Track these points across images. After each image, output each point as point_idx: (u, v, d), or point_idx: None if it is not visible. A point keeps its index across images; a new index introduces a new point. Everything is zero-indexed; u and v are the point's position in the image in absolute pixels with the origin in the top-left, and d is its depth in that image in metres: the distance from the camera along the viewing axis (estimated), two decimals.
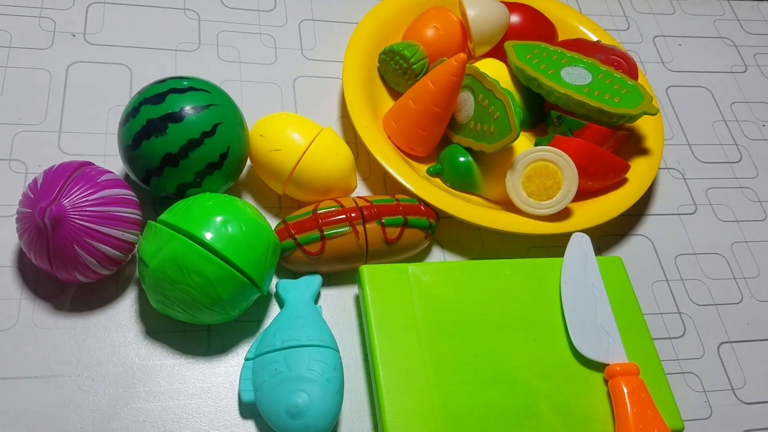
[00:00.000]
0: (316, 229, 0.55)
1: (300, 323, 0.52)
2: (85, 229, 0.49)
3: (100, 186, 0.50)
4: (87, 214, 0.49)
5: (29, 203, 0.50)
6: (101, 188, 0.50)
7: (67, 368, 0.51)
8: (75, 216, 0.49)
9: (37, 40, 0.66)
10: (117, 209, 0.50)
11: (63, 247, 0.49)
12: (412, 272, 0.57)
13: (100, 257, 0.50)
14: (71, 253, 0.49)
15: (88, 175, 0.51)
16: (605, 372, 0.54)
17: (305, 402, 0.48)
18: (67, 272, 0.50)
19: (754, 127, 0.80)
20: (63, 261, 0.49)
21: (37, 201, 0.49)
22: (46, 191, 0.49)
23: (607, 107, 0.64)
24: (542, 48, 0.68)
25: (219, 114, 0.54)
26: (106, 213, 0.50)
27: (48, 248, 0.49)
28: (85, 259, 0.49)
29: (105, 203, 0.50)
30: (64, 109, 0.63)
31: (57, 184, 0.49)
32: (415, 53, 0.67)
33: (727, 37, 0.88)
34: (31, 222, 0.49)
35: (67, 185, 0.50)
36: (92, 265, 0.50)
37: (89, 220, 0.49)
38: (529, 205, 0.61)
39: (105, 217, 0.50)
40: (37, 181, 0.51)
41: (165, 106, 0.53)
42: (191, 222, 0.50)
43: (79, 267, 0.50)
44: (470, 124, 0.63)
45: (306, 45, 0.73)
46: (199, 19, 0.72)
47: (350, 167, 0.59)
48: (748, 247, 0.70)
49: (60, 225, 0.48)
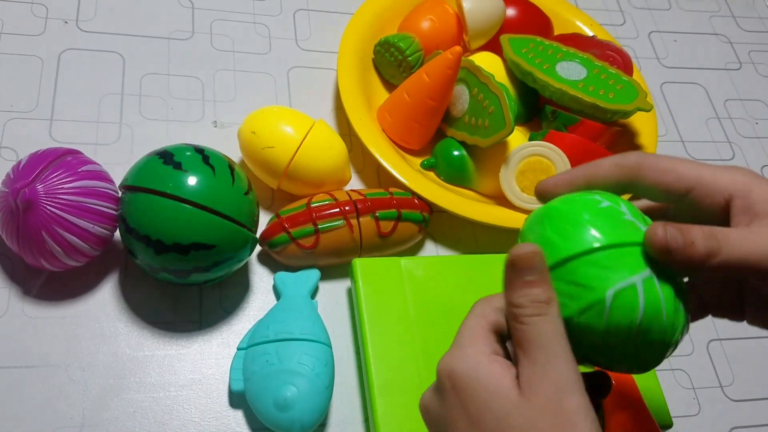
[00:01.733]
0: (310, 223, 0.55)
1: (294, 317, 0.52)
2: (55, 216, 0.48)
3: (79, 175, 0.50)
4: (59, 202, 0.48)
5: (8, 183, 0.50)
6: (80, 178, 0.50)
7: (57, 358, 0.51)
8: (47, 202, 0.48)
9: (28, 26, 0.65)
10: (92, 201, 0.50)
11: (31, 232, 0.49)
12: (405, 266, 0.57)
13: (66, 247, 0.49)
14: (39, 238, 0.49)
15: (70, 164, 0.50)
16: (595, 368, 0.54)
17: (293, 395, 0.48)
18: (34, 258, 0.50)
19: (747, 125, 0.80)
20: (30, 246, 0.49)
21: (14, 182, 0.49)
22: (25, 173, 0.49)
23: (602, 103, 0.64)
24: (538, 42, 0.68)
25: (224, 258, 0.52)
26: (80, 204, 0.49)
27: (18, 231, 0.49)
28: (51, 247, 0.49)
29: (80, 193, 0.49)
30: (56, 96, 0.62)
31: (36, 168, 0.49)
32: (410, 45, 0.67)
33: (722, 34, 0.88)
34: (5, 202, 0.49)
35: (47, 170, 0.49)
36: (57, 253, 0.49)
37: (60, 208, 0.48)
38: (522, 200, 0.61)
39: (77, 207, 0.49)
40: (20, 163, 0.50)
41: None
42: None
43: (45, 254, 0.49)
44: (465, 118, 0.63)
45: (300, 35, 0.73)
46: (192, 7, 0.71)
47: (344, 160, 0.59)
48: None
49: (31, 209, 0.48)
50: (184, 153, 0.51)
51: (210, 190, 0.49)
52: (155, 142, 0.62)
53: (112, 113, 0.62)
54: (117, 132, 0.62)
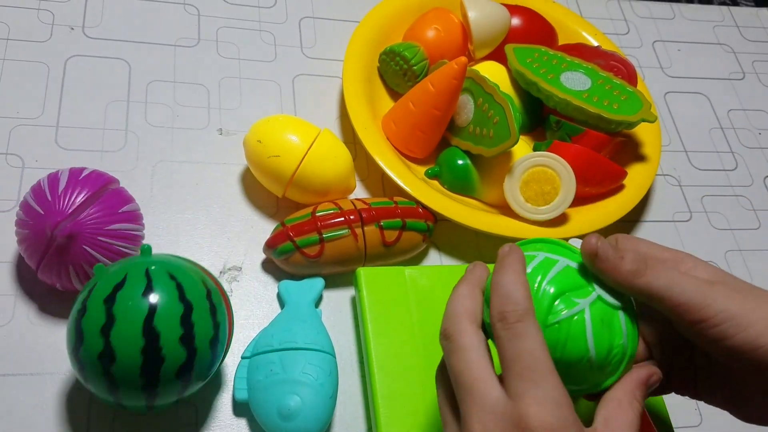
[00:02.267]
0: (314, 232, 0.55)
1: (299, 326, 0.52)
2: (86, 254, 0.49)
3: (118, 217, 0.50)
4: (95, 243, 0.49)
5: (44, 204, 0.48)
6: (118, 220, 0.50)
7: (63, 366, 0.51)
8: (84, 242, 0.48)
9: (35, 32, 0.66)
10: (121, 244, 0.50)
11: (58, 261, 0.49)
12: (409, 275, 0.57)
13: (85, 277, 0.50)
14: (65, 269, 0.49)
15: (111, 201, 0.50)
16: None
17: (297, 405, 0.48)
18: (50, 278, 0.50)
19: (750, 135, 0.81)
20: (51, 270, 0.50)
21: (53, 207, 0.48)
22: (66, 201, 0.48)
23: (606, 113, 0.64)
24: (542, 52, 0.68)
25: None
26: (111, 246, 0.50)
27: (43, 255, 0.49)
28: (73, 276, 0.50)
29: (115, 236, 0.50)
30: (62, 103, 0.62)
31: (78, 196, 0.49)
32: (415, 54, 0.67)
33: (726, 44, 0.89)
34: (38, 225, 0.48)
35: (90, 206, 0.49)
36: (75, 281, 0.50)
37: (94, 249, 0.49)
38: (526, 210, 0.61)
39: (108, 249, 0.50)
40: (59, 180, 0.49)
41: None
42: None
43: (63, 279, 0.50)
44: (469, 128, 0.64)
45: (306, 43, 0.73)
46: (198, 14, 0.71)
47: (349, 169, 0.59)
48: (742, 255, 0.70)
49: (66, 244, 0.48)
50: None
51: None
52: (160, 149, 0.62)
53: (118, 120, 0.63)
54: (123, 139, 0.62)
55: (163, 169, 0.61)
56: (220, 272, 0.57)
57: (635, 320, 0.40)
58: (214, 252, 0.58)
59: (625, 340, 0.39)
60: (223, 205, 0.61)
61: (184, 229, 0.59)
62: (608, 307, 0.39)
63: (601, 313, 0.38)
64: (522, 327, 0.35)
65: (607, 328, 0.38)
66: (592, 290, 0.39)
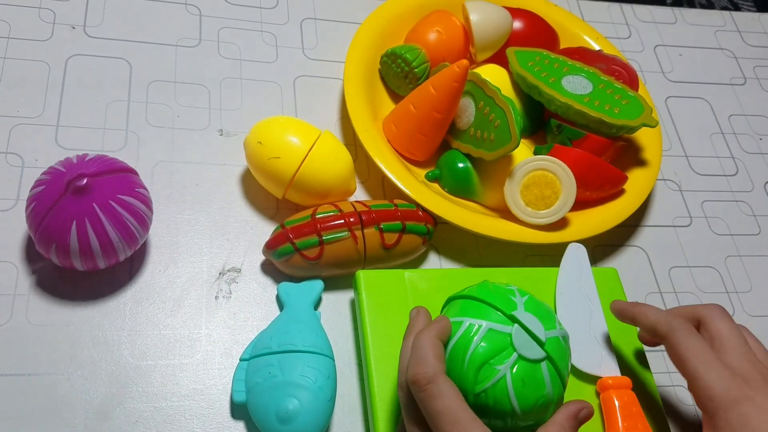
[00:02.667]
0: (314, 234, 0.55)
1: (298, 328, 0.52)
2: (93, 213, 0.49)
3: (134, 194, 0.51)
4: (106, 205, 0.49)
5: (68, 165, 0.50)
6: (133, 197, 0.51)
7: (60, 366, 0.51)
8: (97, 198, 0.49)
9: (36, 31, 0.65)
10: (131, 220, 0.51)
11: (64, 215, 0.49)
12: (408, 278, 0.57)
13: (84, 246, 0.49)
14: (66, 225, 0.49)
15: (131, 180, 0.52)
16: (597, 385, 0.54)
17: (296, 408, 0.48)
18: (46, 243, 0.50)
19: (751, 141, 0.81)
20: (52, 229, 0.49)
21: (78, 167, 0.50)
22: (93, 167, 0.50)
23: (607, 118, 0.64)
24: (544, 56, 0.68)
25: None
26: (121, 216, 0.50)
27: (50, 208, 0.49)
28: (72, 239, 0.49)
29: (127, 209, 0.51)
30: (63, 102, 0.62)
31: (105, 168, 0.51)
32: (417, 57, 0.67)
33: (728, 49, 0.89)
34: (54, 179, 0.50)
35: (112, 175, 0.51)
36: (72, 249, 0.50)
37: (102, 210, 0.49)
38: (526, 214, 0.61)
39: (117, 218, 0.50)
40: (87, 156, 0.52)
41: None
42: None
43: (60, 243, 0.49)
44: (470, 131, 0.63)
45: (307, 44, 0.73)
46: (200, 14, 0.71)
47: (350, 171, 0.59)
48: (742, 261, 0.70)
49: (78, 195, 0.49)
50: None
51: None
52: (161, 149, 0.62)
53: (119, 120, 0.63)
54: (123, 139, 0.62)
55: (163, 169, 0.61)
56: (220, 273, 0.57)
57: (561, 362, 0.45)
58: (214, 253, 0.58)
59: (549, 389, 0.44)
60: (223, 206, 0.61)
61: (184, 230, 0.59)
62: (529, 364, 0.43)
63: (521, 372, 0.43)
64: (434, 388, 0.41)
65: (529, 385, 0.43)
66: (512, 352, 0.43)
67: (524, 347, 0.44)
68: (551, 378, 0.44)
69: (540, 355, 0.44)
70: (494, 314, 0.45)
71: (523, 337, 0.44)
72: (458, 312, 0.46)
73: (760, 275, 0.70)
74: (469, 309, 0.46)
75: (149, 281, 0.56)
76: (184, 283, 0.56)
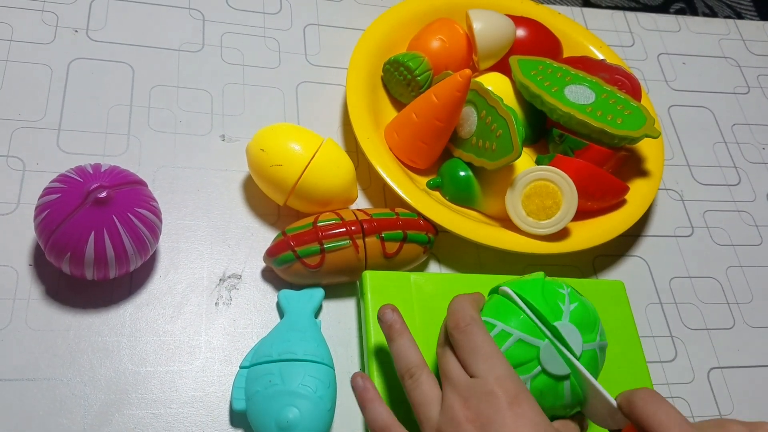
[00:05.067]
0: (316, 242, 0.55)
1: (298, 337, 0.52)
2: (112, 225, 0.49)
3: (148, 207, 0.52)
4: (124, 218, 0.50)
5: (84, 175, 0.50)
6: (147, 209, 0.52)
7: (59, 372, 0.51)
8: (116, 210, 0.50)
9: (38, 34, 0.65)
10: (145, 231, 0.51)
11: (81, 226, 0.49)
12: (414, 281, 0.57)
13: (99, 257, 0.50)
14: (83, 237, 0.49)
15: (144, 193, 0.53)
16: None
17: (296, 417, 0.48)
18: (58, 253, 0.50)
19: (754, 150, 0.80)
20: (68, 239, 0.49)
21: (95, 178, 0.50)
22: (108, 178, 0.51)
23: (610, 128, 0.64)
24: (547, 65, 0.68)
25: None
26: (136, 228, 0.51)
27: (67, 217, 0.49)
28: (88, 251, 0.49)
29: (142, 221, 0.51)
30: (64, 106, 0.62)
31: (118, 179, 0.51)
32: (419, 65, 0.67)
33: (732, 57, 0.88)
34: (72, 188, 0.49)
35: (127, 187, 0.51)
36: (87, 259, 0.50)
37: (121, 220, 0.50)
38: (527, 224, 0.61)
39: (133, 230, 0.51)
40: (100, 166, 0.52)
41: None
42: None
43: (75, 254, 0.49)
44: (472, 140, 0.63)
45: (310, 50, 0.73)
46: (203, 19, 0.71)
47: (351, 179, 0.59)
48: (743, 272, 0.70)
49: (98, 207, 0.49)
50: None
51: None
52: (163, 154, 0.62)
53: (121, 124, 0.62)
54: (125, 143, 0.62)
55: (164, 174, 0.61)
56: (220, 280, 0.57)
57: (587, 382, 0.44)
58: (214, 259, 0.58)
59: (568, 401, 0.45)
60: (224, 212, 0.61)
61: (185, 235, 0.59)
62: (551, 380, 0.44)
63: (541, 385, 0.44)
64: (472, 328, 0.44)
65: (546, 397, 0.44)
66: (536, 365, 0.44)
67: (550, 363, 0.44)
68: (572, 392, 0.45)
69: (564, 371, 0.44)
70: (529, 322, 0.45)
71: (551, 353, 0.44)
72: (495, 312, 0.46)
73: (761, 286, 0.70)
74: (507, 311, 0.46)
75: (149, 287, 0.56)
76: (185, 289, 0.56)
